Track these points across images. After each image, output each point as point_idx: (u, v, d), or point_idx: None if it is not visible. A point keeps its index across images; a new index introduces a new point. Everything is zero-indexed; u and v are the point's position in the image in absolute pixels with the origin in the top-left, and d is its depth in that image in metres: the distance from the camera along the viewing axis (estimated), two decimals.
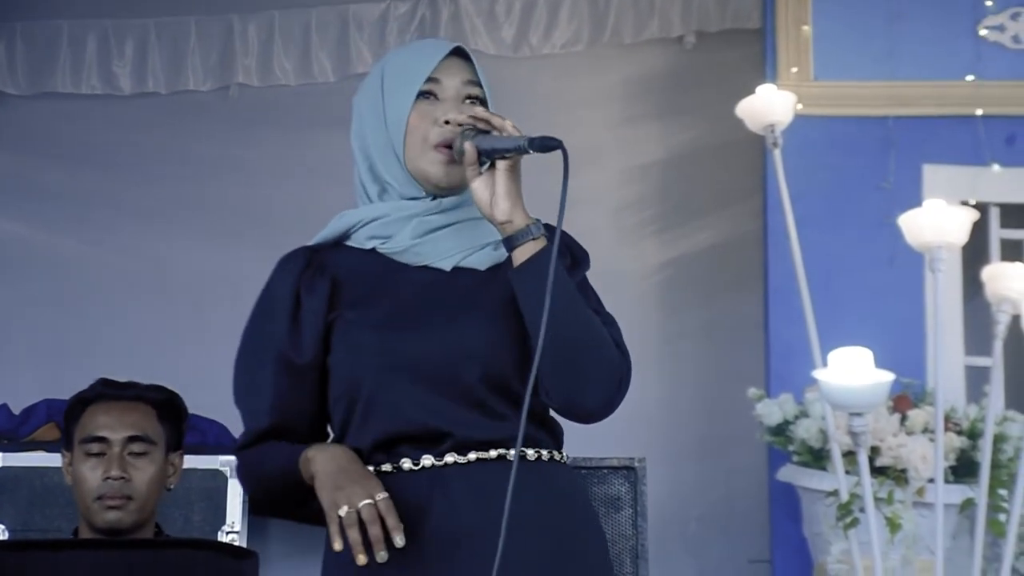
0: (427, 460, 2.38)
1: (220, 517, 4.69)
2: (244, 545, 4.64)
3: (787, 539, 5.20)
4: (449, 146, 2.45)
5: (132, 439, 3.38)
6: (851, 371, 3.99)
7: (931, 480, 4.58)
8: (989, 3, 5.42)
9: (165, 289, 6.26)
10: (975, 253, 5.10)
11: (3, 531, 4.57)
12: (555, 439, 2.50)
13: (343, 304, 2.46)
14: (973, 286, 4.89)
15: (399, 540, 2.25)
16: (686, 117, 6.31)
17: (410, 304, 2.44)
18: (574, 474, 2.54)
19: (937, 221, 4.35)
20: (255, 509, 2.63)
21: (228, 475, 4.72)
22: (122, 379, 3.52)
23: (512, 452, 2.35)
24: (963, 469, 4.79)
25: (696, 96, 6.28)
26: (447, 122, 2.45)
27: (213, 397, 4.08)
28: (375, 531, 2.25)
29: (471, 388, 2.40)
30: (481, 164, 2.40)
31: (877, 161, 5.32)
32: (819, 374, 4.12)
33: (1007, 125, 5.38)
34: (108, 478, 3.33)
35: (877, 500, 4.51)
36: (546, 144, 2.33)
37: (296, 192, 6.29)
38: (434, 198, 2.49)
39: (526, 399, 2.28)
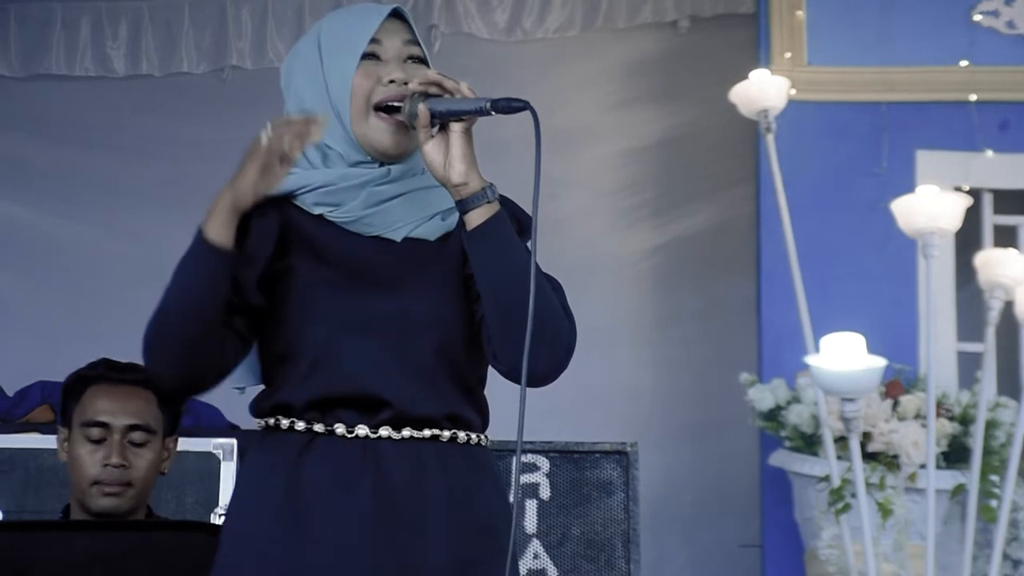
0: (361, 430, 2.35)
1: (213, 499, 4.69)
2: None
3: (778, 524, 5.20)
4: (394, 109, 2.42)
5: (133, 427, 3.37)
6: (843, 357, 4.00)
7: (923, 466, 4.59)
8: None
9: (159, 270, 6.22)
10: (968, 239, 5.11)
11: None
12: (483, 420, 2.48)
13: (295, 251, 2.42)
14: (966, 272, 4.90)
15: (320, 123, 2.32)
16: (680, 101, 6.31)
17: (364, 271, 2.40)
18: (494, 461, 2.52)
19: (930, 207, 4.35)
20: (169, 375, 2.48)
21: (221, 458, 4.72)
22: (118, 360, 3.51)
23: (446, 433, 2.38)
24: (955, 455, 4.80)
25: (690, 80, 6.28)
26: (392, 81, 2.44)
27: None
28: (291, 131, 2.33)
29: (423, 359, 2.38)
30: (432, 127, 2.37)
31: (870, 146, 5.32)
32: (811, 359, 4.13)
33: (1000, 111, 5.38)
34: (108, 465, 3.33)
35: (869, 486, 4.52)
36: (511, 105, 2.30)
37: None
38: (381, 164, 2.46)
39: (523, 378, 2.28)
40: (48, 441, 4.57)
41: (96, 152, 6.37)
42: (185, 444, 3.57)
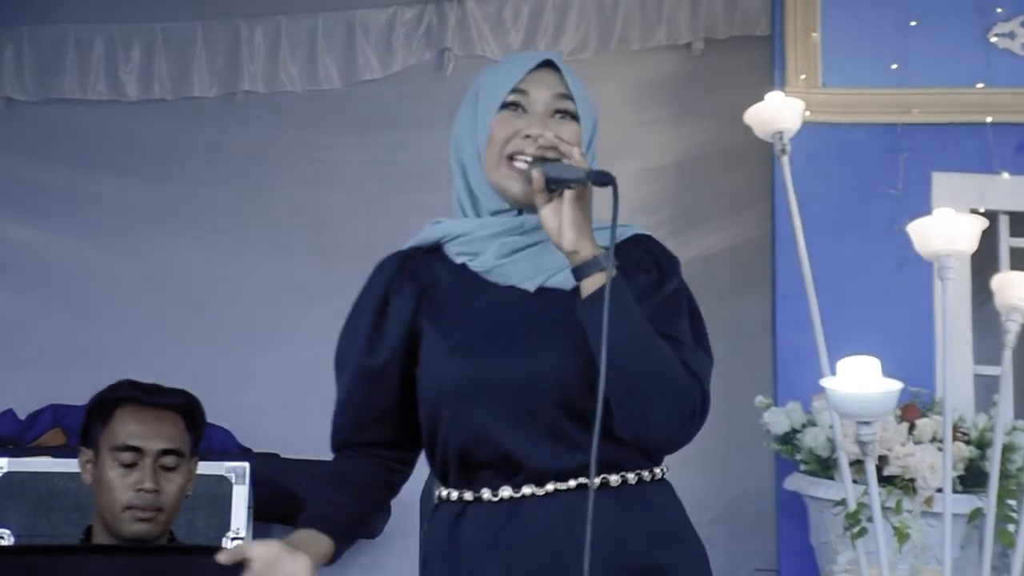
0: (505, 492, 2.38)
1: (225, 523, 4.68)
2: None
3: (794, 548, 5.17)
4: (525, 161, 2.44)
5: (166, 452, 3.36)
6: (859, 379, 3.97)
7: (939, 490, 4.56)
8: (999, 10, 5.40)
9: (170, 294, 6.26)
10: (984, 261, 5.08)
11: (9, 536, 4.56)
12: (648, 456, 2.47)
13: (429, 315, 2.46)
14: (982, 294, 4.86)
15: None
16: (695, 123, 6.31)
17: (493, 325, 2.43)
18: (665, 491, 2.52)
19: (946, 229, 4.33)
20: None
21: (233, 481, 4.71)
22: (143, 381, 3.49)
23: (596, 481, 2.36)
24: (972, 479, 4.77)
25: (705, 102, 6.27)
26: (528, 136, 2.44)
27: (217, 402, 4.07)
28: None
29: (547, 414, 2.38)
30: (550, 191, 2.37)
31: (886, 168, 5.30)
32: (827, 382, 4.09)
33: (1017, 133, 5.35)
34: (141, 490, 3.31)
35: (885, 510, 4.49)
36: (600, 179, 2.32)
37: (300, 199, 6.30)
38: (519, 212, 2.48)
39: (596, 429, 2.26)
40: (59, 464, 4.57)
41: (108, 176, 6.37)
42: (198, 467, 3.57)
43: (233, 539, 4.63)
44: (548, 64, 2.52)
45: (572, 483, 2.38)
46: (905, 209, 4.92)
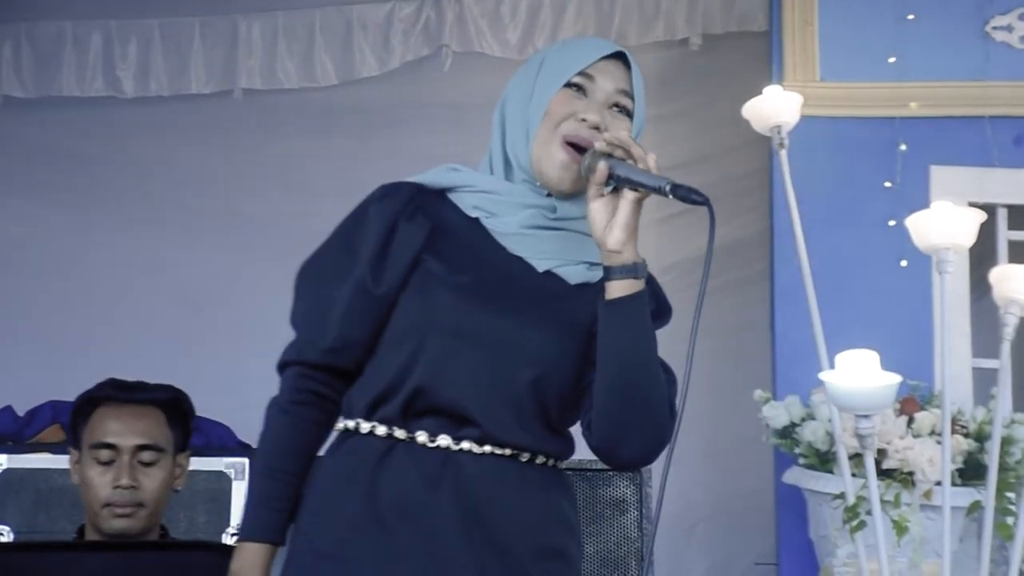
0: (444, 440, 2.37)
1: (224, 519, 4.69)
2: None
3: (793, 542, 5.17)
4: (574, 147, 2.44)
5: (142, 447, 3.37)
6: (858, 373, 3.97)
7: (938, 483, 4.56)
8: (997, 3, 5.40)
9: (167, 291, 6.26)
10: (983, 255, 5.08)
11: (8, 532, 4.57)
12: (563, 450, 2.50)
13: (436, 252, 2.45)
14: (980, 288, 4.87)
15: None
16: (692, 119, 6.30)
17: (496, 285, 2.44)
18: (570, 482, 2.54)
19: (944, 223, 4.32)
20: None
21: (232, 477, 4.71)
22: (125, 379, 3.51)
23: (525, 455, 2.41)
24: (970, 472, 4.77)
25: (702, 98, 6.27)
26: (584, 120, 2.44)
27: (215, 399, 4.07)
28: None
29: (517, 387, 2.40)
30: (605, 186, 2.37)
31: (884, 162, 5.30)
32: (825, 376, 4.09)
33: (1015, 126, 5.35)
34: (118, 487, 3.32)
35: (884, 503, 4.50)
36: (690, 197, 2.35)
37: (296, 196, 6.29)
38: (548, 195, 2.49)
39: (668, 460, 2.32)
40: (59, 461, 4.58)
41: (105, 173, 6.38)
42: (196, 463, 3.58)
43: (233, 535, 4.64)
44: (619, 56, 2.52)
45: (508, 451, 2.40)
46: (903, 203, 4.92)
